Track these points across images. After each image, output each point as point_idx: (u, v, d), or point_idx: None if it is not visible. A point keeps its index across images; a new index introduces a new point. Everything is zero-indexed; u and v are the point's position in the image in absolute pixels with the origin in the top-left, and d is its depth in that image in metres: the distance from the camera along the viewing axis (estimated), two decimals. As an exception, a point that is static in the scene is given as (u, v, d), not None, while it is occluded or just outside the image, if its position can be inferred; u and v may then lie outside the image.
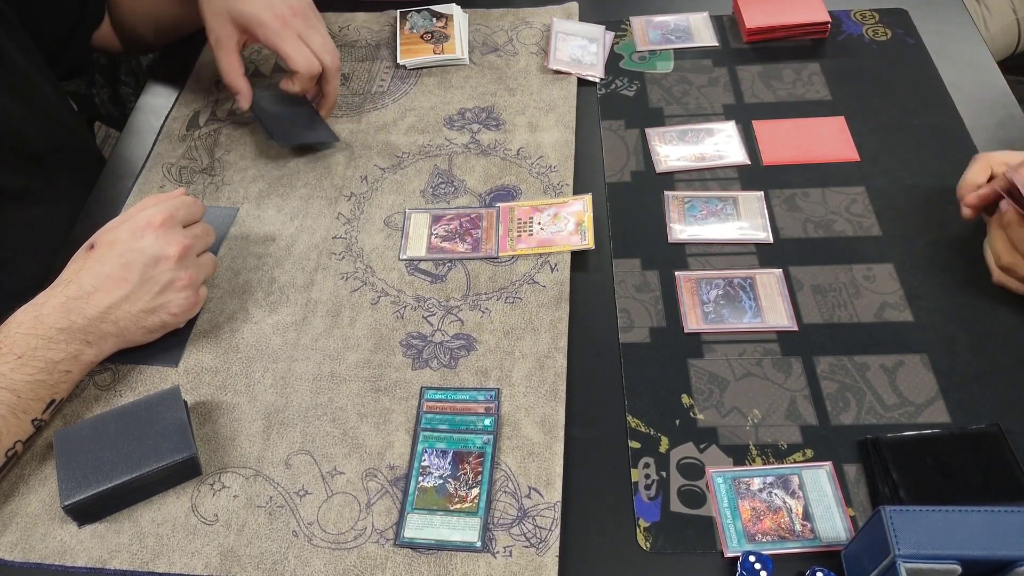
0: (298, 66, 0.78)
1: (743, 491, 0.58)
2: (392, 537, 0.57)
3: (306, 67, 0.78)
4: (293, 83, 0.80)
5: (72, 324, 0.61)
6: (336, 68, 0.81)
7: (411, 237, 0.75)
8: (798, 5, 0.92)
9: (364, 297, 0.71)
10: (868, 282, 0.70)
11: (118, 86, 1.32)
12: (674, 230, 0.75)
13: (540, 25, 0.96)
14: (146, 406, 0.61)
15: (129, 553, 0.57)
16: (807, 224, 0.74)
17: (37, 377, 0.59)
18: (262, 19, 0.77)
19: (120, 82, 1.32)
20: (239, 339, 0.69)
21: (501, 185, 0.79)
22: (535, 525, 0.57)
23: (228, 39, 0.79)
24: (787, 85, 0.87)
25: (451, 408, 0.63)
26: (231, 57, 0.80)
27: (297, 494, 0.59)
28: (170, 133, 0.88)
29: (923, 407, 0.62)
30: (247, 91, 0.82)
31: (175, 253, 0.64)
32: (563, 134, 0.83)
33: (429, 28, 0.95)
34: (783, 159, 0.80)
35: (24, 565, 0.57)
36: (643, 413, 0.63)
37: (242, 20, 0.77)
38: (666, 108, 0.86)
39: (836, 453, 0.60)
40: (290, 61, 0.78)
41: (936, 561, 0.47)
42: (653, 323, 0.68)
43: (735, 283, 0.70)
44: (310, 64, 0.78)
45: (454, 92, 0.89)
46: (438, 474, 0.59)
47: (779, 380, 0.64)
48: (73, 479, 0.57)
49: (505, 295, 0.70)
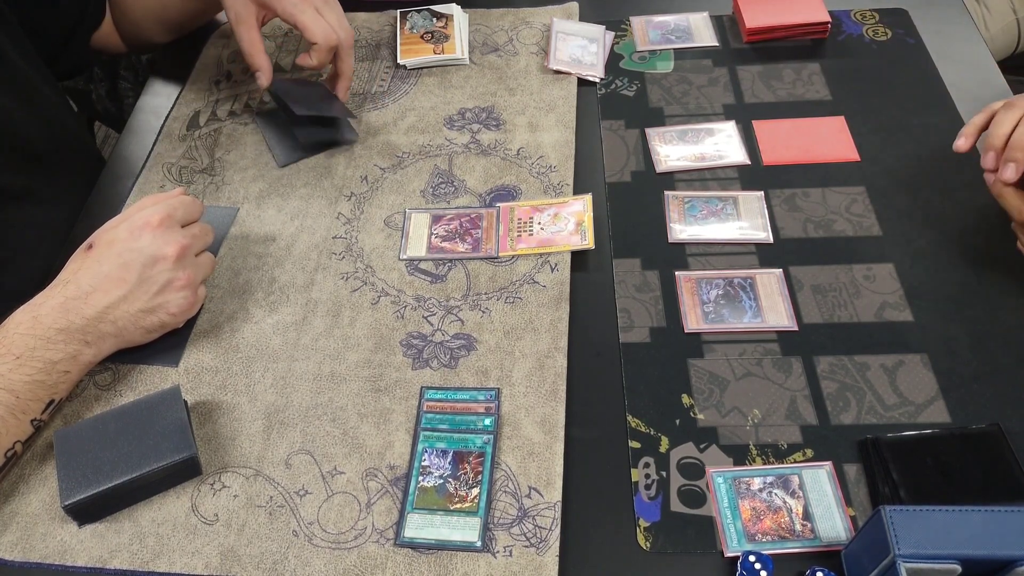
0: (315, 36, 0.78)
1: (743, 491, 0.58)
2: (392, 537, 0.57)
3: (323, 37, 0.79)
4: (311, 56, 0.80)
5: (70, 324, 0.61)
6: (350, 44, 0.82)
7: (411, 237, 0.75)
8: (798, 5, 0.92)
9: (364, 297, 0.71)
10: (868, 282, 0.70)
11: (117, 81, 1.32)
12: (674, 230, 0.75)
13: (540, 25, 0.96)
14: (146, 406, 0.61)
15: (129, 553, 0.57)
16: (807, 224, 0.74)
17: (36, 377, 0.59)
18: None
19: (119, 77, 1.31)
20: (239, 339, 0.69)
21: (501, 185, 0.79)
22: (535, 525, 0.57)
23: (248, 14, 0.79)
24: (787, 85, 0.87)
25: (451, 408, 0.63)
26: (252, 32, 0.80)
27: (297, 494, 0.59)
28: (170, 133, 0.88)
29: (923, 407, 0.62)
30: (268, 68, 0.82)
31: (173, 253, 0.64)
32: (563, 134, 0.83)
33: (429, 28, 0.95)
34: (783, 159, 0.80)
35: (24, 565, 0.57)
36: (643, 413, 0.63)
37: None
38: (666, 108, 0.86)
39: (836, 453, 0.60)
40: (307, 32, 0.78)
41: (936, 561, 0.47)
42: (653, 323, 0.68)
43: (735, 283, 0.70)
44: (327, 34, 0.79)
45: (454, 92, 0.89)
46: (438, 474, 0.59)
47: (779, 380, 0.64)
48: (73, 479, 0.57)
49: (505, 295, 0.70)
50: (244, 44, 0.81)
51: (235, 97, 0.91)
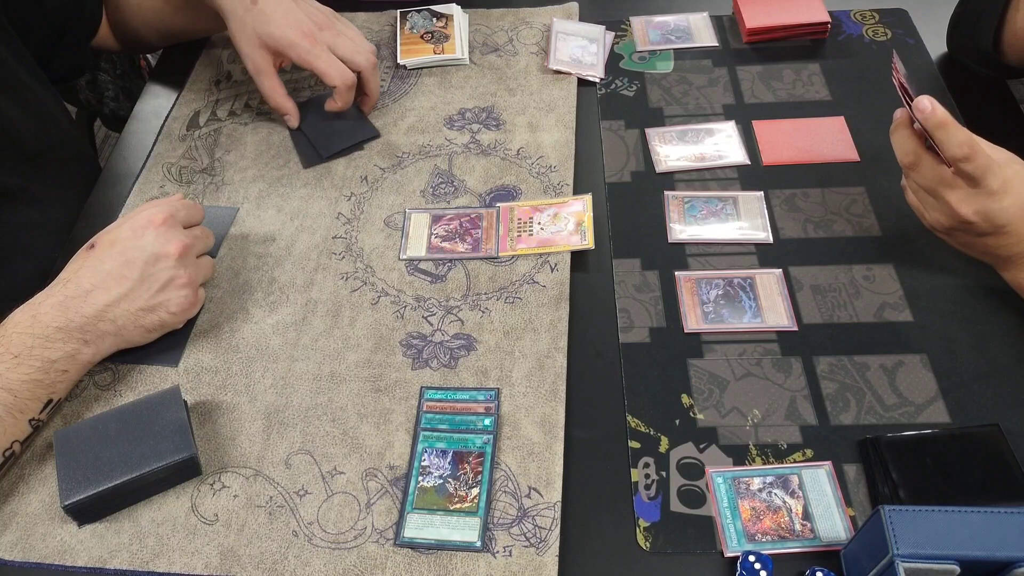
0: (333, 80, 0.80)
1: (743, 491, 0.58)
2: (392, 537, 0.57)
3: (341, 79, 0.80)
4: (335, 101, 0.82)
5: (69, 323, 0.61)
6: (372, 66, 0.83)
7: (411, 237, 0.75)
8: (798, 5, 0.92)
9: (364, 297, 0.71)
10: (868, 282, 0.70)
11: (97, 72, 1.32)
12: (674, 230, 0.75)
13: (540, 25, 0.96)
14: (146, 406, 0.61)
15: (129, 553, 0.57)
16: (807, 224, 0.74)
17: (34, 376, 0.59)
18: (292, 40, 0.79)
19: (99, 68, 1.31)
20: (239, 339, 0.69)
21: (501, 185, 0.79)
22: (535, 525, 0.57)
23: (265, 64, 0.81)
24: (787, 85, 0.87)
25: (451, 408, 0.63)
26: (272, 80, 0.83)
27: (297, 494, 0.59)
28: (170, 133, 0.88)
29: (923, 407, 0.62)
30: (294, 110, 0.85)
31: (175, 251, 0.64)
32: (563, 134, 0.83)
33: (429, 28, 0.95)
34: (783, 159, 0.80)
35: (24, 565, 0.57)
36: (643, 413, 0.63)
37: (273, 44, 0.79)
38: (666, 108, 0.86)
39: (836, 453, 0.60)
40: (325, 78, 0.80)
41: (935, 561, 0.47)
42: (653, 323, 0.68)
43: (735, 283, 0.70)
44: (344, 77, 0.80)
45: (454, 92, 0.89)
46: (438, 474, 0.59)
47: (779, 380, 0.64)
48: (73, 479, 0.57)
49: (505, 295, 0.70)
50: (266, 92, 0.83)
51: (235, 97, 0.91)
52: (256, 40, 0.80)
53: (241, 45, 0.81)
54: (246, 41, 0.80)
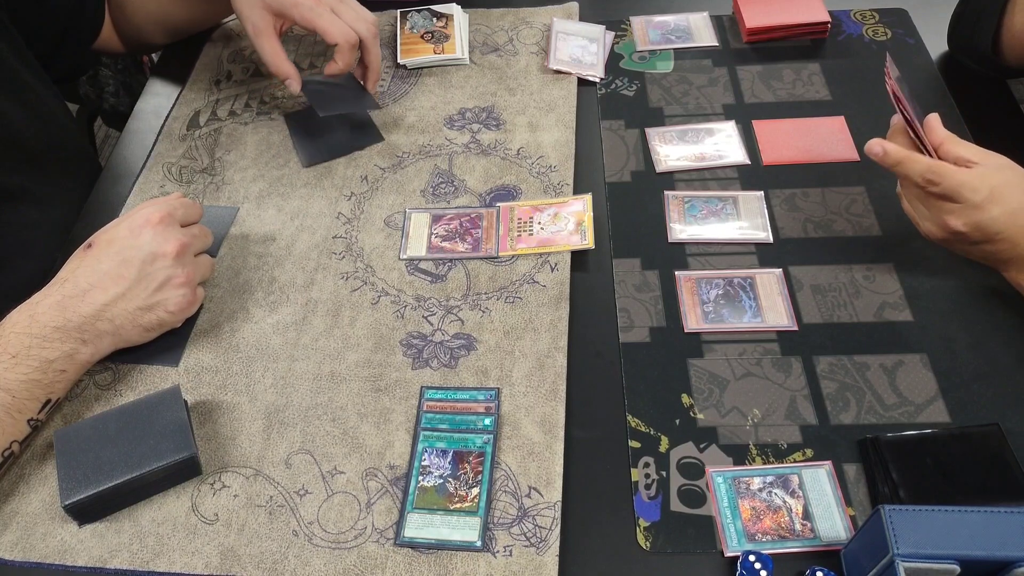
0: (335, 38, 0.78)
1: (743, 491, 0.58)
2: (392, 536, 0.57)
3: (343, 37, 0.79)
4: (335, 62, 0.81)
5: (67, 322, 0.61)
6: (373, 36, 0.82)
7: (411, 237, 0.75)
8: (798, 5, 0.92)
9: (364, 297, 0.71)
10: (868, 282, 0.70)
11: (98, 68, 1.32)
12: (674, 230, 0.75)
13: (540, 25, 0.96)
14: (146, 406, 0.61)
15: (129, 552, 0.57)
16: (807, 224, 0.74)
17: (32, 376, 0.59)
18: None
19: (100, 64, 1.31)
20: (239, 339, 0.69)
21: (501, 185, 0.79)
22: (535, 525, 0.57)
23: (266, 25, 0.80)
24: (787, 85, 0.87)
25: (451, 408, 0.63)
26: (273, 42, 0.80)
27: (297, 493, 0.59)
28: (170, 133, 0.88)
29: (923, 407, 0.62)
30: (295, 73, 0.82)
31: (173, 250, 0.64)
32: (563, 134, 0.83)
33: (429, 28, 0.95)
34: (783, 159, 0.80)
35: (24, 565, 0.57)
36: (643, 413, 0.63)
37: (275, 4, 0.78)
38: (666, 108, 0.86)
39: (836, 453, 0.60)
40: (327, 35, 0.78)
41: (935, 561, 0.47)
42: (653, 323, 0.68)
43: (735, 283, 0.70)
44: (346, 34, 0.79)
45: (454, 92, 0.89)
46: (438, 474, 0.59)
47: (779, 380, 0.64)
48: (73, 478, 0.57)
49: (505, 295, 0.70)
50: (267, 55, 0.81)
51: (235, 97, 0.91)
52: (257, 1, 0.78)
53: (240, 6, 0.79)
54: (245, 2, 0.79)
